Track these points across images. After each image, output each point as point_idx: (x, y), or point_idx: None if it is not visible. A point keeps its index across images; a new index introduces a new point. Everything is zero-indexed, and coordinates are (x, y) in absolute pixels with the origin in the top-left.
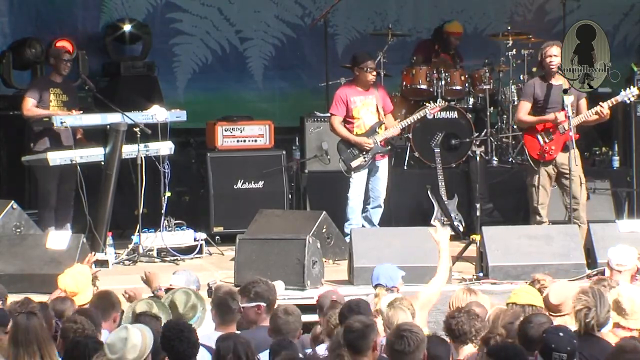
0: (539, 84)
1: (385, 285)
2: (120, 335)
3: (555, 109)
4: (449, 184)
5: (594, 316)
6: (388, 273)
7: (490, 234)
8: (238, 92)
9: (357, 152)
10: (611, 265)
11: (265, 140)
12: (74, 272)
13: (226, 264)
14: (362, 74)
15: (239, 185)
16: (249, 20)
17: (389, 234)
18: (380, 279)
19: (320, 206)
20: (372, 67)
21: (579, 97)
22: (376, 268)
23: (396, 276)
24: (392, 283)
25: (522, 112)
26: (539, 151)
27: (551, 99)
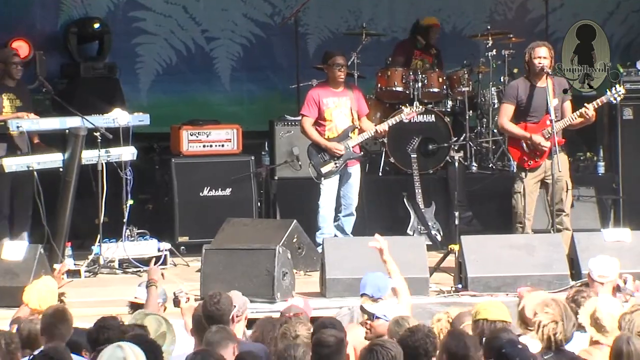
0: (523, 86)
1: (372, 296)
2: (116, 355)
3: (538, 113)
4: (426, 191)
5: (561, 330)
6: (376, 282)
7: (469, 243)
8: (204, 94)
9: (328, 158)
10: (592, 277)
11: (233, 145)
12: (40, 286)
13: (192, 276)
14: (331, 70)
15: (205, 192)
16: (215, 19)
17: (363, 244)
18: (366, 288)
19: (291, 215)
20: (341, 63)
21: (563, 99)
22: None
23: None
24: (379, 294)
25: (505, 116)
26: (524, 158)
27: (534, 102)
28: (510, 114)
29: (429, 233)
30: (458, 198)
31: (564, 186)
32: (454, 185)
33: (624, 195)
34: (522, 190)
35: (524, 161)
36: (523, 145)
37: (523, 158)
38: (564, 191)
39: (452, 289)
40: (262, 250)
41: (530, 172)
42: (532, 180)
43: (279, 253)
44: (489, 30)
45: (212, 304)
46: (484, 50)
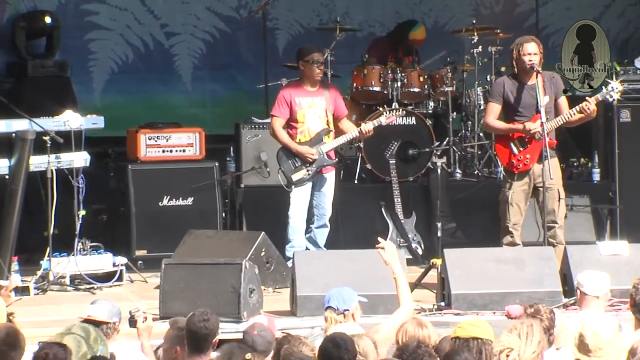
0: (510, 84)
1: (337, 309)
2: None
3: (527, 113)
4: (406, 200)
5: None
6: (341, 295)
7: (453, 257)
8: (163, 95)
9: (300, 164)
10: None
11: (195, 150)
12: None
13: (150, 293)
14: (308, 67)
15: (164, 202)
16: (176, 12)
17: (337, 258)
18: (331, 302)
19: (259, 226)
20: (320, 60)
21: (556, 94)
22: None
23: (350, 299)
24: (344, 306)
25: (491, 115)
26: (513, 161)
27: (523, 101)
28: (496, 114)
29: (409, 246)
30: (441, 208)
31: (557, 195)
32: (437, 194)
33: (621, 205)
34: (510, 198)
35: (513, 164)
36: (511, 146)
37: (511, 161)
38: (556, 200)
39: (434, 307)
40: (227, 265)
41: (519, 179)
42: (521, 187)
43: (245, 268)
44: (474, 24)
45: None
46: (468, 47)
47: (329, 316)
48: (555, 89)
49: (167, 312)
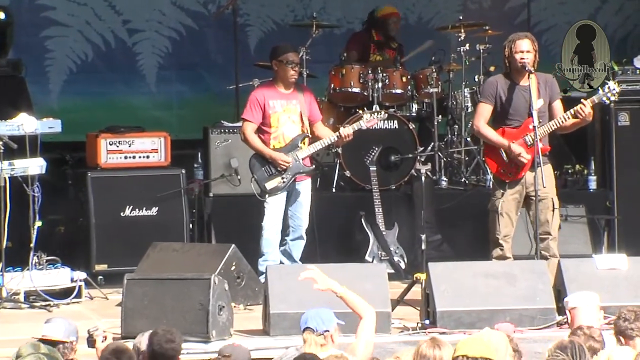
0: (503, 83)
1: (315, 330)
2: None
3: (518, 116)
4: (388, 210)
5: None
6: (319, 315)
7: (438, 272)
8: (126, 97)
9: (274, 171)
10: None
11: (160, 156)
12: None
13: (111, 311)
14: (282, 68)
15: (127, 212)
16: (139, 7)
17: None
18: (309, 322)
19: (229, 238)
20: (295, 60)
21: (551, 98)
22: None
23: (329, 319)
24: (323, 327)
25: (482, 117)
26: (503, 169)
27: (515, 103)
28: (487, 116)
29: (391, 260)
30: (425, 218)
31: (550, 204)
32: (421, 203)
33: (620, 215)
34: (500, 208)
35: (503, 173)
36: (502, 154)
37: (502, 170)
38: (549, 210)
39: (418, 326)
40: (194, 281)
41: (510, 187)
42: (512, 196)
43: (214, 283)
44: (461, 21)
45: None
46: (455, 45)
47: (309, 338)
48: (550, 92)
49: (130, 331)
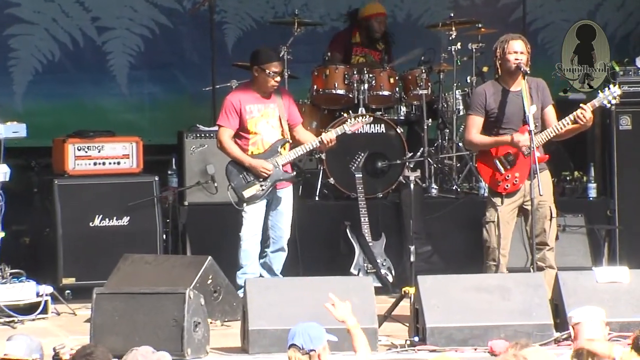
0: (492, 91)
1: (301, 348)
2: None
3: (512, 124)
4: (375, 219)
5: None
6: (307, 332)
7: (428, 285)
8: (95, 99)
9: (252, 178)
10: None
11: (132, 162)
12: None
13: (79, 327)
14: (263, 76)
15: (96, 222)
16: (109, 4)
17: (296, 286)
18: (295, 339)
19: (205, 250)
20: (277, 71)
21: (544, 104)
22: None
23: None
24: (310, 346)
25: (473, 130)
26: (499, 181)
27: (508, 111)
28: (478, 127)
29: (378, 272)
30: (414, 229)
31: (547, 213)
32: (409, 212)
33: (621, 225)
34: (495, 219)
35: (499, 184)
36: (496, 165)
37: (497, 180)
38: (547, 219)
39: (407, 343)
40: (168, 295)
41: (507, 197)
42: (509, 207)
43: (189, 298)
44: (452, 18)
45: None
46: (446, 44)
47: (293, 356)
48: (542, 97)
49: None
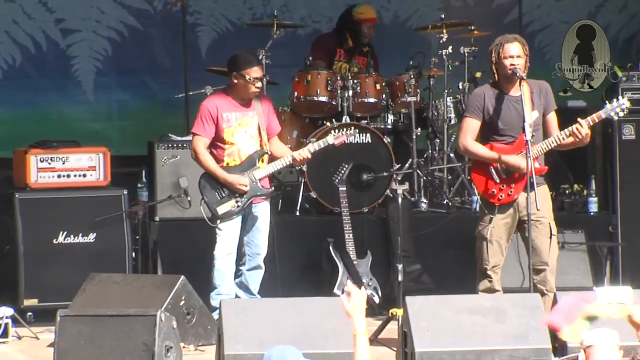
0: (491, 95)
1: None
2: None
3: (510, 131)
4: (360, 236)
5: None
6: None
7: (417, 307)
8: (59, 106)
9: (227, 193)
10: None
11: (99, 175)
12: None
13: (42, 352)
14: (242, 83)
15: (60, 239)
16: (74, 4)
17: (274, 308)
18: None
19: (177, 269)
20: (258, 76)
21: (546, 109)
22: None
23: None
24: None
25: (469, 134)
26: (493, 191)
27: (506, 116)
28: (475, 132)
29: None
30: (402, 246)
31: (547, 230)
32: (397, 228)
33: (624, 242)
34: (489, 234)
35: (493, 196)
36: (492, 172)
37: (491, 191)
38: (547, 237)
39: None
40: (138, 317)
41: (501, 212)
42: (503, 221)
43: (160, 321)
44: (443, 20)
45: None
46: (436, 48)
47: None
48: (544, 102)
49: None
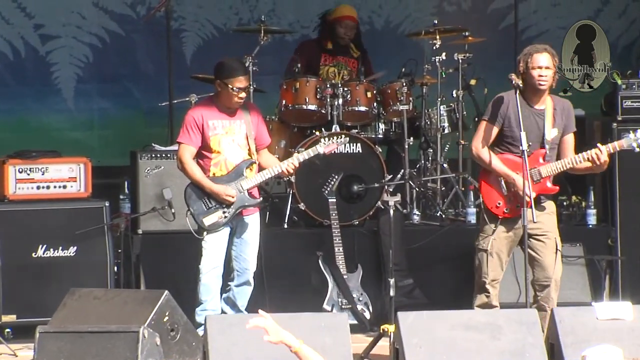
0: (514, 103)
1: None
2: None
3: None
4: (350, 249)
5: None
6: None
7: (409, 323)
8: (38, 115)
9: (214, 204)
10: None
11: (79, 186)
12: None
13: None
14: (226, 93)
15: (39, 252)
16: (54, 9)
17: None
18: None
19: (161, 283)
20: (242, 86)
21: (565, 129)
22: None
23: None
24: None
25: (484, 139)
26: (499, 202)
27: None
28: (490, 138)
29: (354, 308)
30: (394, 260)
31: (553, 245)
32: (389, 241)
33: (624, 256)
34: (490, 246)
35: (498, 208)
36: (502, 185)
37: (497, 202)
38: (553, 252)
39: None
40: (119, 334)
41: (504, 224)
42: (505, 234)
43: (143, 337)
44: (436, 26)
45: None
46: (429, 54)
47: None
48: (565, 122)
49: None
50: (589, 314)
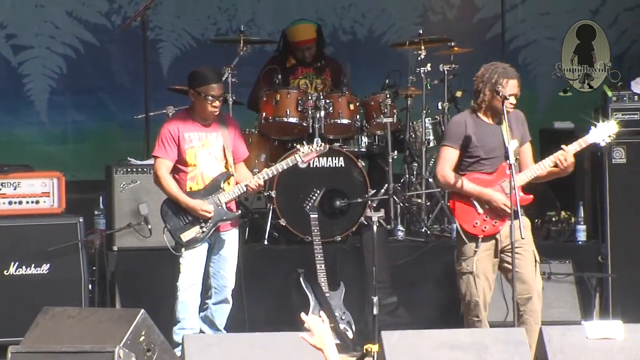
0: (472, 123)
1: None
2: None
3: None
4: (332, 266)
5: None
6: None
7: (393, 342)
8: (10, 128)
9: (191, 219)
10: None
11: (52, 201)
12: None
13: None
14: (200, 102)
15: (11, 270)
16: (26, 19)
17: (241, 344)
18: None
19: (137, 302)
20: (216, 94)
21: (523, 139)
22: None
23: None
24: None
25: (447, 165)
26: (476, 222)
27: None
28: (454, 162)
29: (336, 327)
30: (377, 277)
31: (532, 257)
32: (372, 258)
33: (614, 273)
34: (475, 269)
35: (476, 226)
36: (475, 205)
37: (474, 222)
38: (533, 265)
39: None
40: (94, 354)
41: (483, 242)
42: (486, 253)
43: (119, 357)
44: (421, 36)
45: None
46: (414, 65)
47: None
48: (522, 132)
49: None
50: (578, 333)
